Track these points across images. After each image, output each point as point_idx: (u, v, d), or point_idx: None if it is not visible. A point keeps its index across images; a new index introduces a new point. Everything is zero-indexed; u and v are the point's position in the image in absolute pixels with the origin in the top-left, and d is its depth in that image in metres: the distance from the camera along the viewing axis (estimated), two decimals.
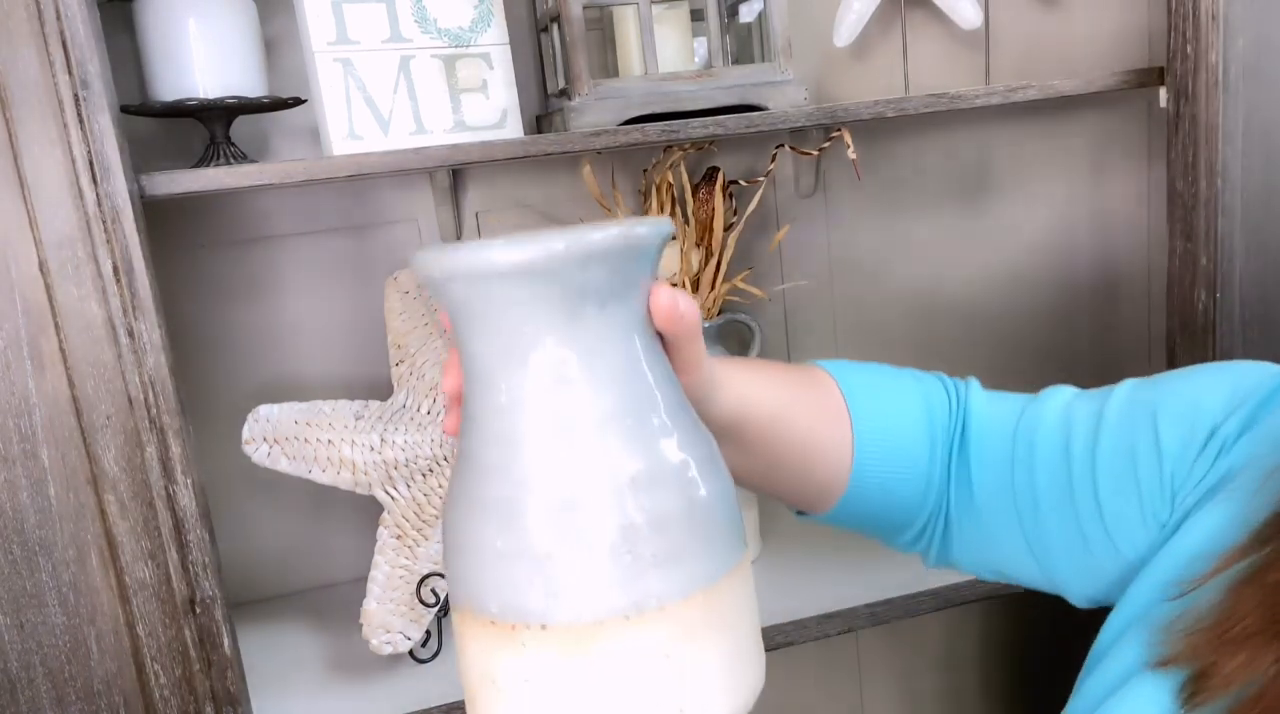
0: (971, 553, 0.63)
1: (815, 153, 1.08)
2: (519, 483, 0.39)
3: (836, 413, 0.59)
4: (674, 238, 0.98)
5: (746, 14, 1.00)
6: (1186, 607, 0.47)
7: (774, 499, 0.62)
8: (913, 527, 0.62)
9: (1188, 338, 0.91)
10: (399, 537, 0.89)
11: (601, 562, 0.38)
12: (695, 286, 0.98)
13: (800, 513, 0.63)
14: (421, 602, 0.88)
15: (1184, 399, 0.54)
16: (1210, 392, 0.54)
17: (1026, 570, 0.61)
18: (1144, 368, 1.27)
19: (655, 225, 0.41)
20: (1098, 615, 0.66)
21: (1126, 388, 0.58)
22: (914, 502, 0.61)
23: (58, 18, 0.66)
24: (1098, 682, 0.50)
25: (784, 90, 0.90)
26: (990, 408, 0.62)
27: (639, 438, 0.40)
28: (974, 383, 0.64)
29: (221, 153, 0.87)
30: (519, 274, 0.38)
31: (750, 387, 0.55)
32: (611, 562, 0.38)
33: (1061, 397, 0.60)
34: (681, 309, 0.42)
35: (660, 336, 0.43)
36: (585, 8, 0.85)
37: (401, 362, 0.94)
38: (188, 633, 0.75)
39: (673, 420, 0.41)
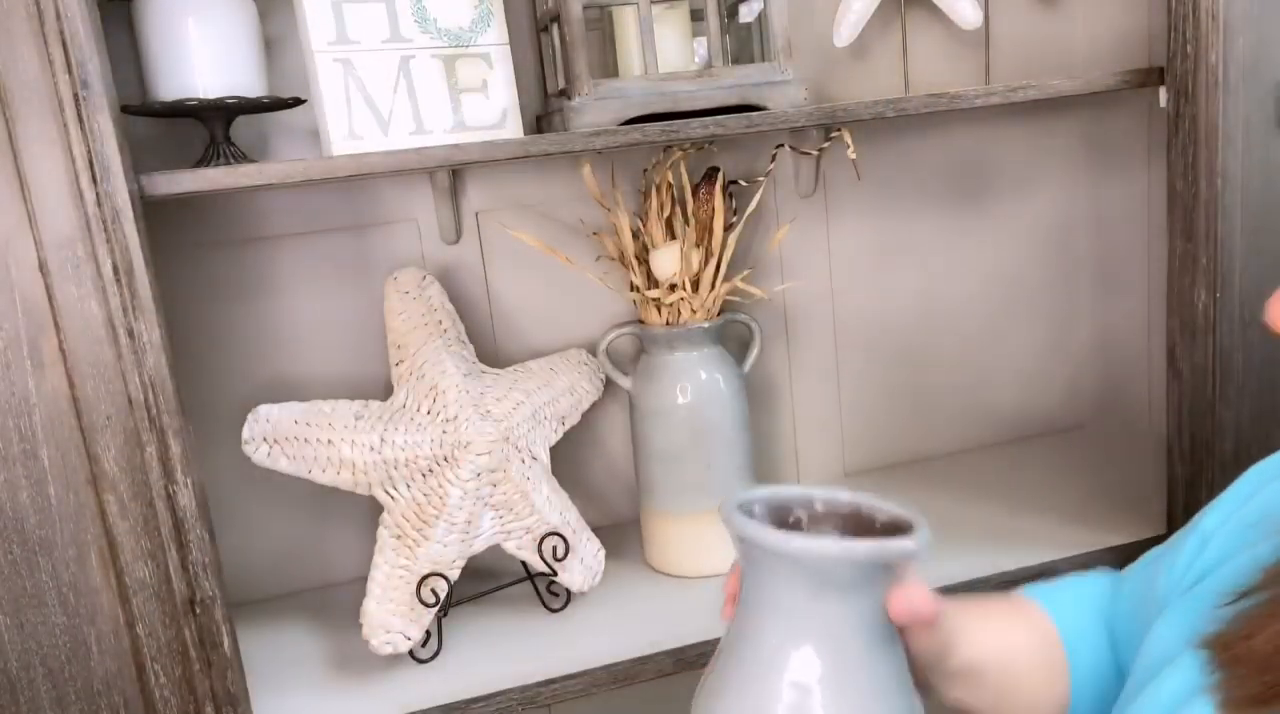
0: None
1: (815, 153, 1.08)
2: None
3: (1053, 665, 0.65)
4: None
5: (746, 14, 1.00)
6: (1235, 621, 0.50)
7: None
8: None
9: (1188, 338, 0.91)
10: (399, 537, 0.89)
11: None
12: (695, 286, 0.98)
13: None
14: (421, 602, 0.88)
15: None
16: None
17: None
18: (1143, 367, 1.27)
19: (916, 540, 0.48)
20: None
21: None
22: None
23: (58, 18, 0.66)
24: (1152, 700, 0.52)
25: (784, 90, 0.90)
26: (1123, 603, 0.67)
27: None
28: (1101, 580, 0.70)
29: (221, 153, 0.87)
30: (784, 557, 0.48)
31: (984, 636, 0.61)
32: None
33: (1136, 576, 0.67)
34: (916, 606, 0.49)
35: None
36: (585, 8, 0.85)
37: (401, 361, 0.94)
38: (188, 633, 0.75)
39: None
